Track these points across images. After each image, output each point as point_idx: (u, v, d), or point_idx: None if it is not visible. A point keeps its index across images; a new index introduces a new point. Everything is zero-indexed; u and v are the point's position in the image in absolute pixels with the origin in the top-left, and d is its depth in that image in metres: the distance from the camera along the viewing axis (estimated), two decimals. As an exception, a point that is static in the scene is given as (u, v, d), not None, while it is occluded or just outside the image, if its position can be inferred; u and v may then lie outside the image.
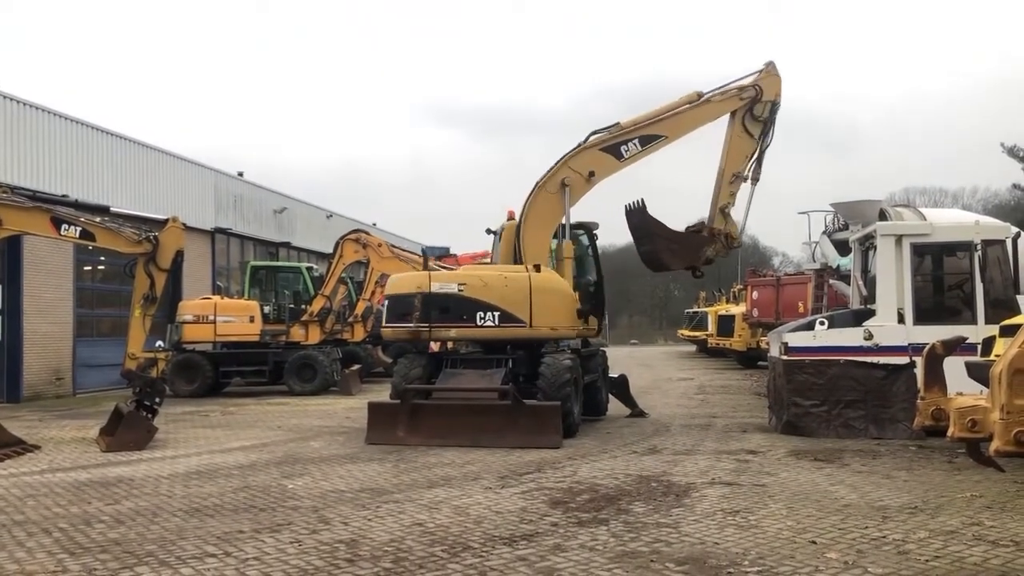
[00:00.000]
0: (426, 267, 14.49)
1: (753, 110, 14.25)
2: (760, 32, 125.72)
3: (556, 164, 14.02)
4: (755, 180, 14.51)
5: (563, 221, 14.07)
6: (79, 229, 12.62)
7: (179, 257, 13.11)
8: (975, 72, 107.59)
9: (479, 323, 12.76)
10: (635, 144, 14.11)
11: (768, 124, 14.40)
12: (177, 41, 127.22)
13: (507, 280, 12.97)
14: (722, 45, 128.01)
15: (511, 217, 14.63)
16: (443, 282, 13.06)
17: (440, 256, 29.98)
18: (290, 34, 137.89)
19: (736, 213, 14.74)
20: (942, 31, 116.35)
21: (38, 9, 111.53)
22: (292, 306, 23.24)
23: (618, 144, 14.10)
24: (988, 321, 11.29)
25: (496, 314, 12.72)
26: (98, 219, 13.08)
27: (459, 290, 12.85)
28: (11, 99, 20.50)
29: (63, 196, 16.90)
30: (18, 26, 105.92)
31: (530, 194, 14.00)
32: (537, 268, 13.22)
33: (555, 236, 14.24)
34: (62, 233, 12.63)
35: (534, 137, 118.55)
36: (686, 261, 14.67)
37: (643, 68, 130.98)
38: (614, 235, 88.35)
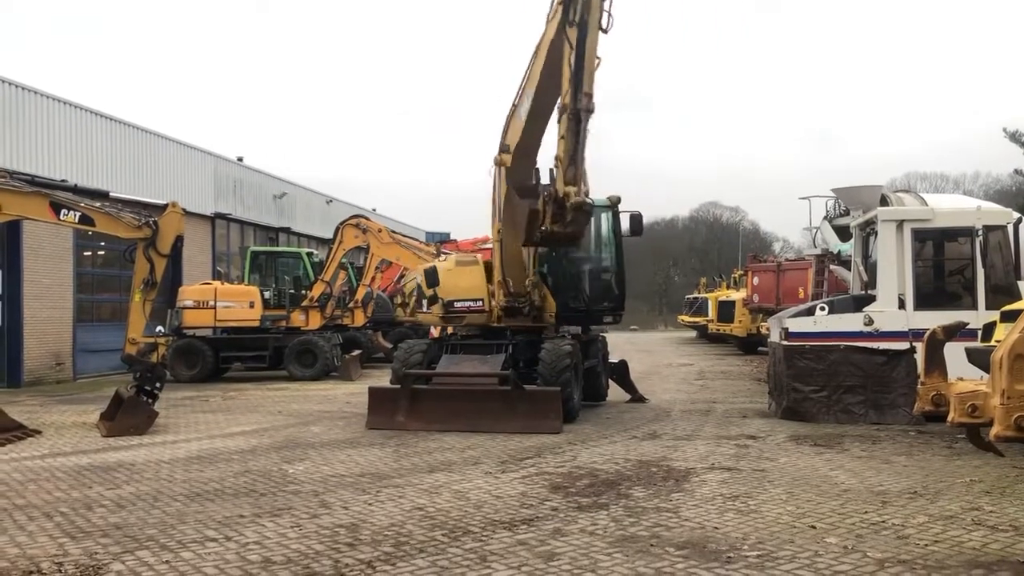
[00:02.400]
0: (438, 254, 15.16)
1: (568, 13, 10.86)
2: (758, 34, 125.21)
3: None
4: (588, 111, 10.80)
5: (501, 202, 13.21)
6: (78, 214, 12.57)
7: (179, 242, 13.06)
8: (978, 57, 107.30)
9: (425, 309, 14.34)
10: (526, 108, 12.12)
11: (584, 28, 10.73)
12: (175, 27, 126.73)
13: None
14: (717, 49, 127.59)
15: None
16: (414, 273, 15.38)
17: (442, 241, 29.97)
18: (292, 25, 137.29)
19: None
20: (945, 22, 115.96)
21: (37, 4, 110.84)
22: (292, 291, 23.20)
23: (517, 106, 12.35)
24: (989, 307, 11.28)
25: (425, 300, 14.25)
26: (97, 204, 13.02)
27: (419, 281, 14.55)
28: (10, 84, 20.41)
29: (62, 181, 16.80)
30: (17, 25, 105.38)
31: None
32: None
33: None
34: (61, 218, 12.58)
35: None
36: (525, 238, 12.27)
37: (638, 71, 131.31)
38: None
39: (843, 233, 19.20)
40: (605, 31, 10.95)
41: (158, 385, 12.74)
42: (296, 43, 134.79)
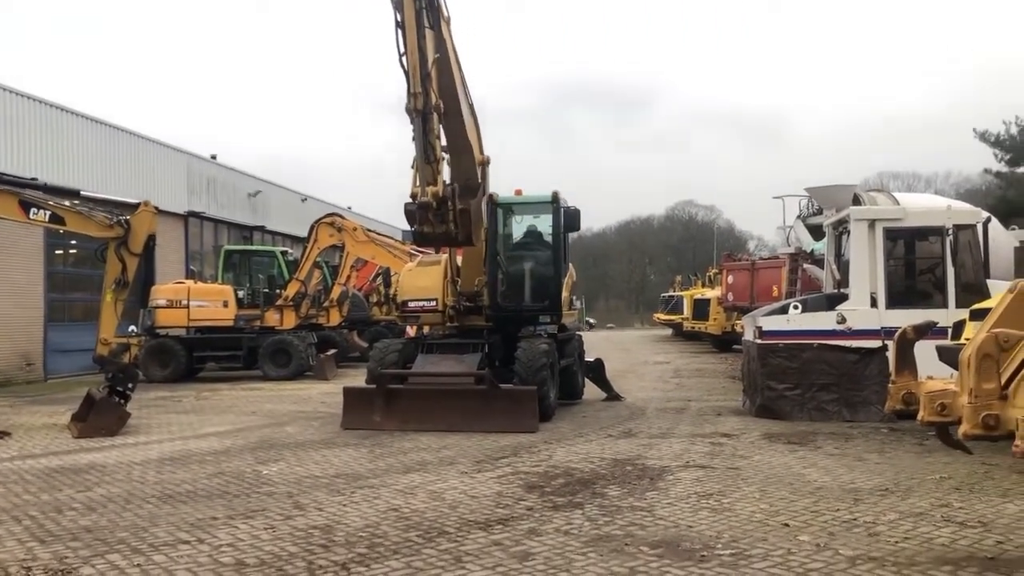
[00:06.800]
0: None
1: (396, 15, 10.52)
2: (759, 37, 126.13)
3: None
4: (416, 111, 10.56)
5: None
6: (49, 213, 12.43)
7: (151, 241, 12.94)
8: (953, 60, 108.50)
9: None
10: None
11: (402, 26, 10.53)
12: (150, 23, 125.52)
13: None
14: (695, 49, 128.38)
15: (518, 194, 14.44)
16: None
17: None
18: (269, 20, 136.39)
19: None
20: (920, 22, 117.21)
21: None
22: (266, 290, 23.07)
23: None
24: (959, 305, 11.41)
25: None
26: (68, 203, 12.88)
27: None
28: (-22, 80, 20.13)
29: (32, 179, 16.61)
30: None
31: None
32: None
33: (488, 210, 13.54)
34: (31, 217, 12.42)
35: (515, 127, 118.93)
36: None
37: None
38: (590, 219, 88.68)
39: (816, 232, 19.36)
40: (431, 27, 10.68)
41: (130, 386, 12.60)
42: (271, 39, 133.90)
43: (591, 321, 63.87)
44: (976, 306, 9.56)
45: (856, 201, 13.72)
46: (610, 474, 8.64)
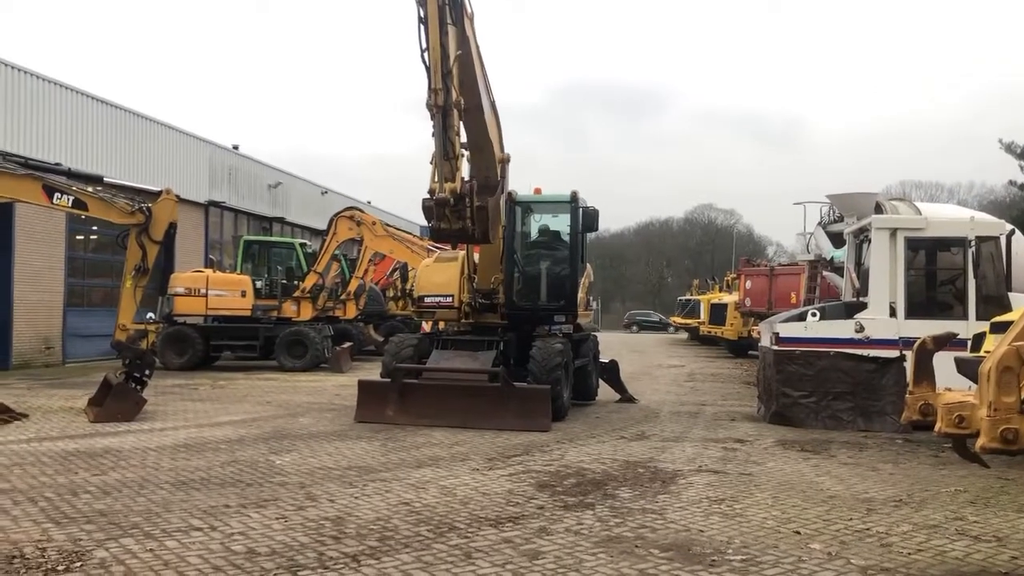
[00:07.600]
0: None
1: (419, 12, 10.39)
2: (778, 42, 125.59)
3: None
4: (438, 107, 10.47)
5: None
6: (71, 198, 12.53)
7: (172, 229, 13.02)
8: (978, 72, 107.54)
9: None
10: None
11: (425, 22, 10.39)
12: (171, 10, 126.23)
13: None
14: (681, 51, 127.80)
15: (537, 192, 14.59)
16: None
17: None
18: (294, 12, 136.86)
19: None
20: (945, 32, 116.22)
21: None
22: (284, 282, 23.19)
23: None
24: (979, 317, 11.30)
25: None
26: (91, 189, 12.98)
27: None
28: (7, 65, 20.31)
29: (56, 164, 16.77)
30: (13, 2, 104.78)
31: None
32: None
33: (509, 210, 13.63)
34: (54, 202, 12.53)
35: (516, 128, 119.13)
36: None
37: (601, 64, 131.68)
38: (606, 220, 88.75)
39: (837, 239, 19.21)
40: (454, 24, 10.58)
41: (147, 372, 12.70)
42: (299, 31, 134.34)
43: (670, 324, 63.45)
44: (997, 319, 9.46)
45: (878, 209, 13.61)
46: (622, 476, 8.63)
